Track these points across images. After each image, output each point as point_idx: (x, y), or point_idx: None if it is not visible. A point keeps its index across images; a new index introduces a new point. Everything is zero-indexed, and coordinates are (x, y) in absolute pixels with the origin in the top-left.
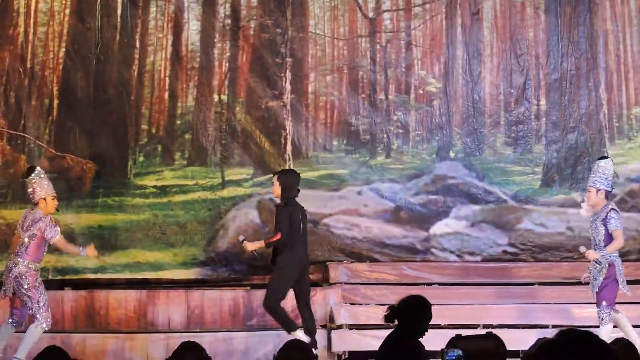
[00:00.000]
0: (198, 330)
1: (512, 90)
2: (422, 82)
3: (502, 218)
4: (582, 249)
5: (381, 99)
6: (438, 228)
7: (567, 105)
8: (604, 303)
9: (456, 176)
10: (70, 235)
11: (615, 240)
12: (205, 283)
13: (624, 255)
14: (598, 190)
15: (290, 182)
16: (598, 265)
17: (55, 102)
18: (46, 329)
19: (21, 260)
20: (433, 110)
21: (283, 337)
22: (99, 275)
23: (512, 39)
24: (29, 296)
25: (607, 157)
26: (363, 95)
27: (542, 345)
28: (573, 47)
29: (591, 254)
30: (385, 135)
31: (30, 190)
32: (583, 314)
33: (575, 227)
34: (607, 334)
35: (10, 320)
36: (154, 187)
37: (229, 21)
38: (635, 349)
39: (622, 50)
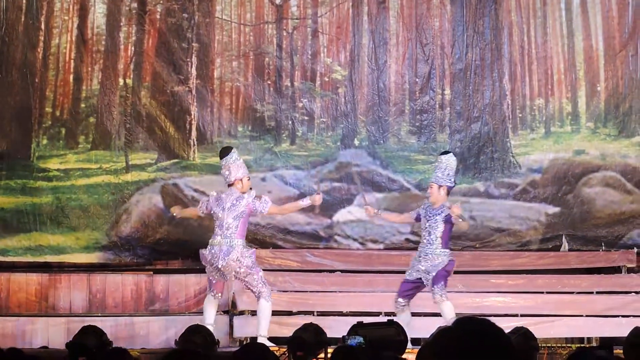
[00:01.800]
0: (99, 314)
1: (417, 80)
2: (328, 69)
3: (406, 206)
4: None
5: (287, 86)
6: (341, 215)
7: (471, 95)
8: (441, 283)
9: (360, 164)
10: None
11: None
12: (108, 267)
13: (525, 245)
14: (440, 186)
15: None
16: (433, 265)
17: None
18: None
19: (237, 240)
20: (338, 98)
21: (185, 322)
22: (0, 258)
23: (418, 28)
24: (253, 274)
25: (449, 152)
26: (269, 82)
27: (439, 334)
28: (478, 37)
29: (455, 210)
30: (290, 122)
31: (226, 172)
32: (484, 303)
33: (478, 217)
34: (450, 308)
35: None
36: (57, 170)
37: (135, 5)
38: (533, 337)
39: (526, 42)
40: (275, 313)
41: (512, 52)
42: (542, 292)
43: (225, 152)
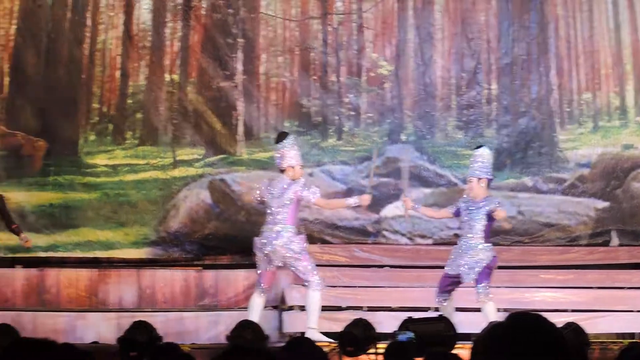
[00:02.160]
0: (149, 310)
1: (463, 74)
2: (374, 64)
3: (453, 202)
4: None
5: (332, 81)
6: (389, 211)
7: (518, 90)
8: (486, 282)
9: (407, 159)
10: (20, 214)
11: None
12: (157, 263)
13: (574, 240)
14: (480, 179)
15: None
16: (476, 259)
17: (6, 79)
18: (320, 290)
19: (286, 226)
20: (384, 93)
21: (234, 317)
22: (50, 254)
23: (464, 22)
24: (301, 260)
25: (483, 146)
26: (314, 77)
27: (492, 329)
28: (524, 32)
29: (500, 214)
30: (336, 118)
31: (278, 156)
32: (534, 298)
33: (526, 212)
34: (494, 309)
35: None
36: (105, 166)
37: (180, 1)
38: (584, 333)
39: (573, 36)
40: (324, 308)
41: (559, 46)
42: (592, 288)
43: (280, 137)
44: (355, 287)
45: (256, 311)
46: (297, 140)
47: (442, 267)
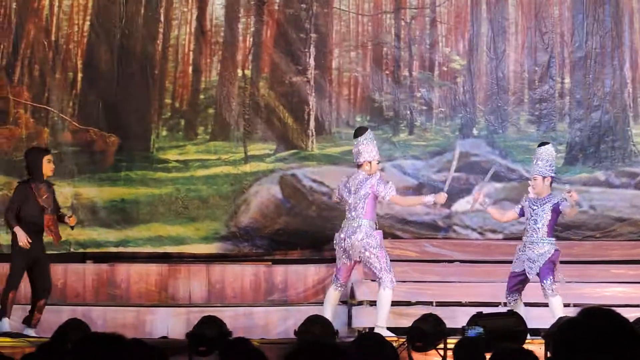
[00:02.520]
0: (219, 304)
1: (536, 68)
2: (446, 59)
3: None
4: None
5: (405, 76)
6: (460, 205)
7: (591, 84)
8: (550, 277)
9: (479, 154)
10: (92, 209)
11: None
12: (227, 258)
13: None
14: (544, 177)
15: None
16: (537, 254)
17: (79, 75)
18: (392, 288)
19: (364, 220)
20: (457, 88)
21: (304, 312)
22: (121, 249)
23: (537, 16)
24: (377, 256)
25: (547, 143)
26: (387, 72)
27: (564, 324)
28: (598, 25)
29: (574, 195)
30: (408, 112)
31: (355, 150)
32: (604, 293)
33: (598, 206)
34: (560, 304)
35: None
36: (177, 161)
37: None
38: None
39: None
40: (394, 303)
41: (633, 39)
42: None
43: (359, 132)
44: (425, 282)
45: (332, 305)
46: (374, 135)
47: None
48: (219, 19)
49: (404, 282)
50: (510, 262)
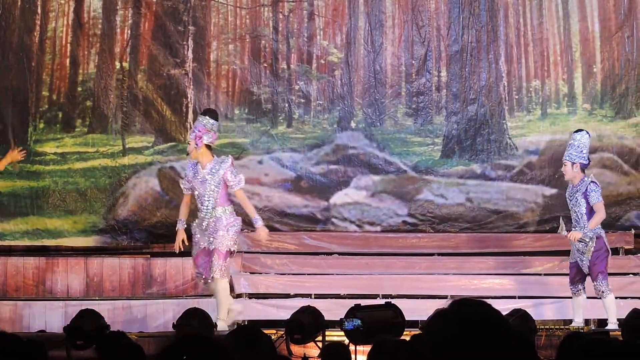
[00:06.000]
0: (97, 298)
1: (413, 62)
2: (324, 52)
3: (402, 189)
4: (564, 232)
5: (283, 69)
6: (338, 198)
7: (467, 77)
8: (600, 276)
9: (357, 146)
10: None
11: (597, 213)
12: (105, 251)
13: (522, 226)
14: (573, 163)
15: None
16: (584, 243)
17: None
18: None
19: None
20: (335, 80)
21: (182, 305)
22: None
23: (414, 10)
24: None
25: (582, 130)
26: (265, 65)
27: (435, 315)
28: (474, 19)
29: (574, 235)
30: (286, 105)
31: (212, 134)
32: (482, 285)
33: (475, 199)
34: (612, 303)
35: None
36: (54, 154)
37: None
38: (531, 319)
39: (522, 24)
40: (273, 296)
41: (508, 33)
42: (540, 274)
43: (214, 115)
44: (304, 274)
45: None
46: (248, 128)
47: (391, 255)
48: (96, 11)
49: (283, 274)
50: (389, 254)
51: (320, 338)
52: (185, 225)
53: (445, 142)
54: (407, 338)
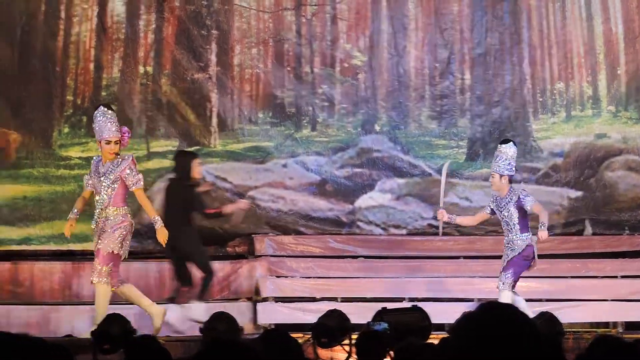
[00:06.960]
0: (124, 302)
1: (436, 65)
2: (347, 55)
3: (427, 192)
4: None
5: (306, 72)
6: (363, 201)
7: (491, 80)
8: (510, 271)
9: (381, 149)
10: None
11: (541, 213)
12: (132, 255)
13: (548, 229)
14: (502, 175)
15: None
16: (512, 250)
17: None
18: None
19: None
20: (358, 84)
21: (209, 309)
22: (24, 247)
23: (437, 13)
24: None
25: (509, 141)
26: (288, 68)
27: (463, 318)
28: (497, 22)
29: (542, 234)
30: (310, 108)
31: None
32: None
33: None
34: (506, 299)
35: None
36: (79, 158)
37: None
38: (559, 322)
39: (545, 26)
40: (299, 299)
41: (532, 36)
42: (566, 277)
43: None
44: (330, 278)
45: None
46: (272, 131)
47: (417, 258)
48: (120, 16)
49: (308, 278)
50: (414, 257)
51: (347, 342)
52: (78, 216)
53: (470, 144)
54: (434, 341)
